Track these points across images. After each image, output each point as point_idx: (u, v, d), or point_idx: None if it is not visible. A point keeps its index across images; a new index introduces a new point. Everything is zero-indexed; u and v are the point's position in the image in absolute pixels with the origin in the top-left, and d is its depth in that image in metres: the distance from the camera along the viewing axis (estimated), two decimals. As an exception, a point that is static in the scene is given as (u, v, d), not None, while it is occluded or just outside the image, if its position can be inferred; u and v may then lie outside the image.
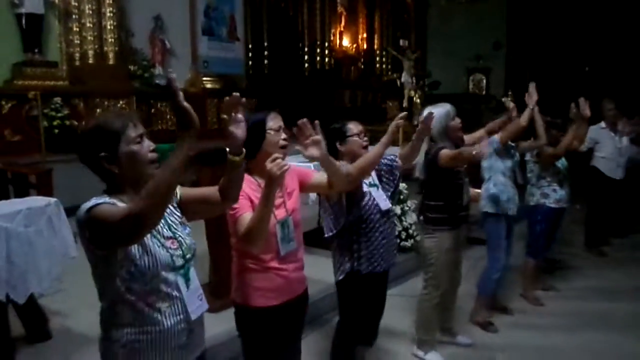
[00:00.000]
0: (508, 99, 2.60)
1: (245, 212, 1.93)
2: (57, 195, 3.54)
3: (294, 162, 2.08)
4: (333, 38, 13.18)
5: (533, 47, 14.01)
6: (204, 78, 9.38)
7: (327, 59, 12.92)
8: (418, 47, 13.59)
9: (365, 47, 14.13)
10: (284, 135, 2.07)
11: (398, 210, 4.68)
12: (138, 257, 1.47)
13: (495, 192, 3.65)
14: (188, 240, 1.63)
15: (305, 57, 12.56)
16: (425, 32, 15.43)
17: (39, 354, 3.05)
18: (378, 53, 14.36)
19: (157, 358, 1.53)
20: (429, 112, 2.69)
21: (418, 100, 10.84)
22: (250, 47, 10.83)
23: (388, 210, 2.67)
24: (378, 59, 14.40)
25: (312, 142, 1.97)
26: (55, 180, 4.92)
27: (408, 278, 4.55)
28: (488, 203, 3.68)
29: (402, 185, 4.63)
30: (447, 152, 2.94)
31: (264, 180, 1.80)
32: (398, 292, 4.21)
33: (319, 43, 12.73)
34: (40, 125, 6.33)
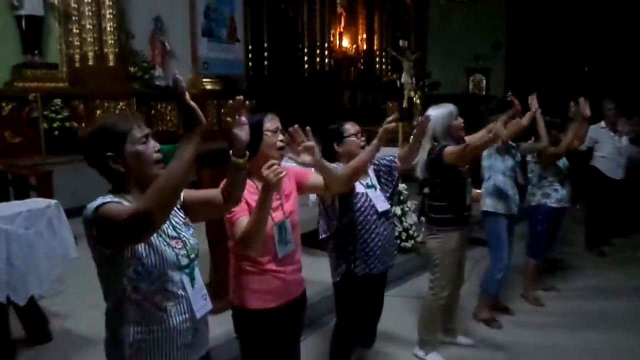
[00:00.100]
0: (511, 95, 2.60)
1: (242, 215, 1.93)
2: (57, 197, 3.55)
3: (292, 163, 2.07)
4: (333, 39, 13.17)
5: (532, 47, 14.00)
6: (204, 79, 9.37)
7: (326, 60, 12.92)
8: (418, 47, 13.58)
9: (365, 47, 14.13)
10: (282, 137, 2.06)
11: (398, 211, 4.67)
12: (145, 255, 1.48)
13: (495, 190, 3.65)
14: (192, 241, 1.64)
15: (305, 58, 12.55)
16: (425, 32, 15.42)
17: (40, 356, 3.05)
18: (378, 54, 14.34)
19: (163, 357, 1.54)
20: (426, 114, 2.68)
21: (418, 101, 10.82)
22: (250, 48, 10.82)
23: (386, 212, 2.65)
24: (378, 60, 14.39)
25: (304, 148, 1.98)
26: (56, 182, 4.94)
27: (408, 279, 4.55)
28: (487, 202, 3.69)
29: (402, 186, 4.62)
30: (451, 148, 2.94)
31: (262, 183, 1.80)
32: (398, 293, 4.21)
33: (319, 44, 12.72)
34: (41, 127, 6.34)
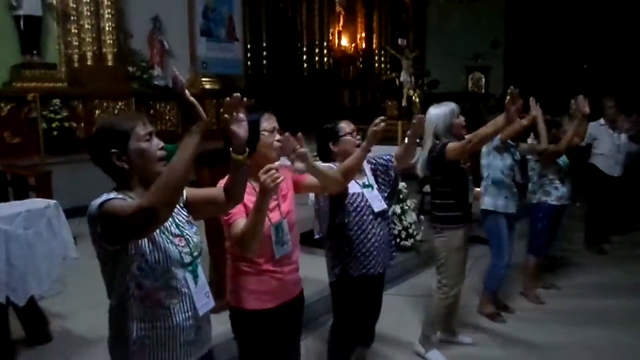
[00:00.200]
0: (513, 90, 2.60)
1: (239, 217, 1.92)
2: (56, 197, 3.54)
3: (289, 162, 2.08)
4: (332, 38, 13.18)
5: (531, 45, 14.01)
6: (203, 79, 9.38)
7: (325, 59, 12.92)
8: (417, 46, 13.60)
9: (364, 46, 14.14)
10: (278, 137, 2.06)
11: (398, 210, 4.67)
12: (149, 252, 1.49)
13: (493, 188, 3.66)
14: (195, 239, 1.65)
15: (304, 57, 12.55)
16: (424, 31, 15.44)
17: (40, 356, 3.05)
18: (377, 52, 14.36)
19: (166, 353, 1.55)
20: (419, 115, 2.67)
21: (417, 100, 10.83)
22: (249, 47, 10.83)
23: (383, 212, 2.62)
24: (377, 59, 14.41)
25: (296, 156, 2.00)
26: (55, 182, 4.93)
27: (408, 277, 4.55)
28: (487, 200, 3.69)
29: (401, 185, 4.62)
30: (454, 144, 2.93)
31: (259, 184, 1.80)
32: (397, 291, 4.21)
33: (318, 43, 12.73)
34: (39, 127, 6.34)
